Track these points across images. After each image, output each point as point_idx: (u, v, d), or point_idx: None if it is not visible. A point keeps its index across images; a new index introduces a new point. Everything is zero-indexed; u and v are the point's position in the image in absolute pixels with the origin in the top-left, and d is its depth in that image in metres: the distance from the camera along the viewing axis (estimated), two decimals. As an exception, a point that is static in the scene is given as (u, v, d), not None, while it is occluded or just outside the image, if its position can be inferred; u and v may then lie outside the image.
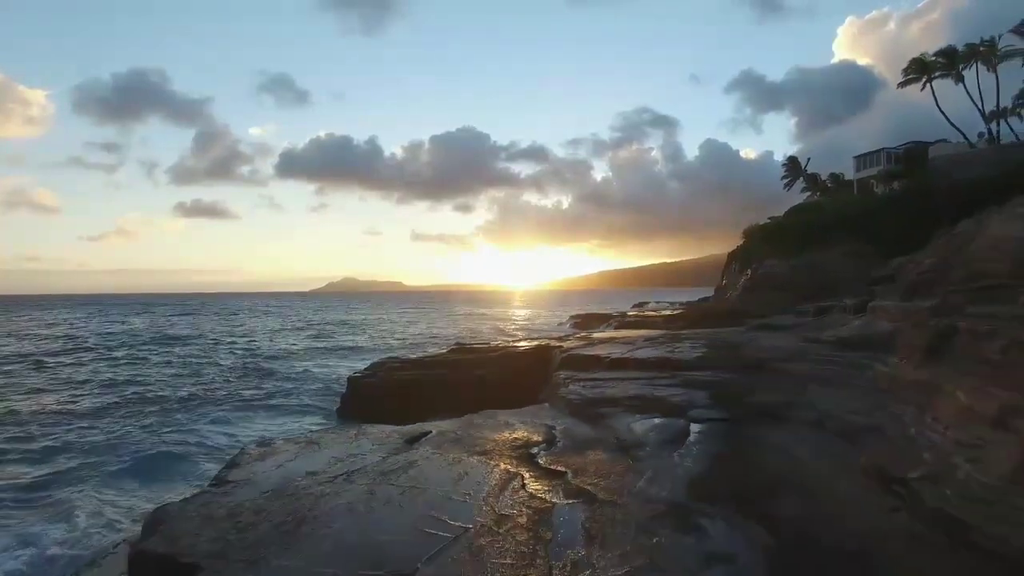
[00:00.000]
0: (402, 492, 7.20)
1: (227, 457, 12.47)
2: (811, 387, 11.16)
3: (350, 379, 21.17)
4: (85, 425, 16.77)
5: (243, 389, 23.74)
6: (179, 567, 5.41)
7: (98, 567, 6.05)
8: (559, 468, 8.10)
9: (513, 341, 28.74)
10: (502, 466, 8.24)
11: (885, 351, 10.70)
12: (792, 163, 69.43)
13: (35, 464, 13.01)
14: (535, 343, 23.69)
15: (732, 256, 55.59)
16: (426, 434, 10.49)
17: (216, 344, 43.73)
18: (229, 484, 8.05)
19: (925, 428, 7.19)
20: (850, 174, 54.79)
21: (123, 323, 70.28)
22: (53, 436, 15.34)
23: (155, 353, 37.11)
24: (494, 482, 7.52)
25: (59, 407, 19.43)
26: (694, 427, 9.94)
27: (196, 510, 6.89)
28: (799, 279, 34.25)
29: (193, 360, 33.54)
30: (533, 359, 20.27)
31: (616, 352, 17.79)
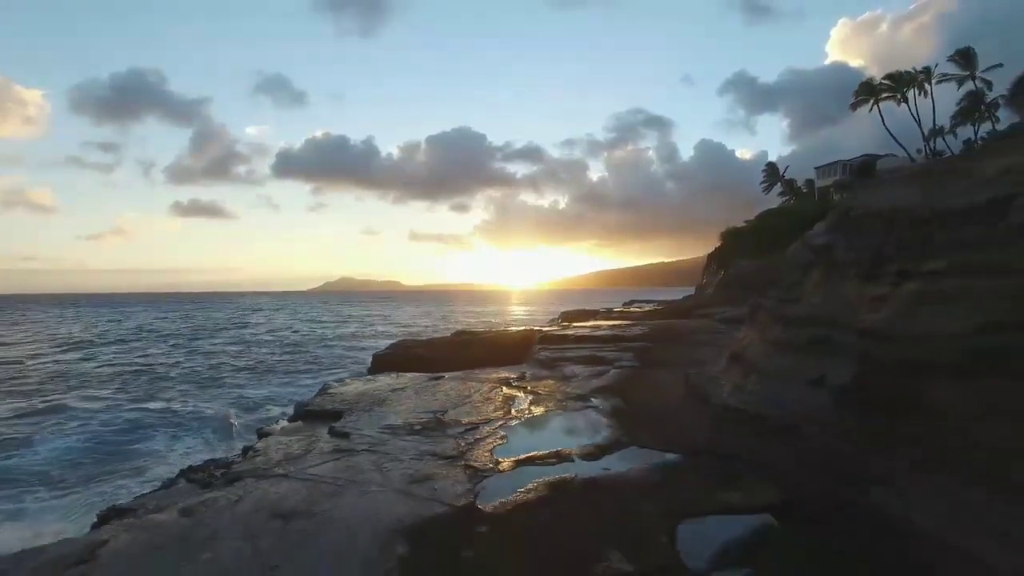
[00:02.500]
0: (434, 393, 12.98)
1: (299, 400, 18.22)
2: (695, 347, 16.91)
3: (375, 355, 26.79)
4: (193, 382, 22.60)
5: (288, 364, 29.56)
6: (331, 412, 11.15)
7: (275, 423, 11.60)
8: (523, 385, 13.88)
9: (505, 327, 34.41)
10: (489, 386, 14.00)
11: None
12: (771, 169, 75.25)
13: (177, 401, 18.83)
14: (523, 328, 29.41)
15: (711, 257, 61.20)
16: (442, 376, 16.24)
17: (254, 334, 49.54)
18: (329, 394, 13.79)
19: (724, 358, 12.94)
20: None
21: (147, 320, 76.00)
22: (175, 385, 21.14)
23: (202, 341, 42.85)
24: (485, 390, 13.29)
25: (162, 371, 25.16)
26: (614, 370, 15.67)
27: (320, 398, 12.66)
28: (763, 278, 39.82)
29: (241, 345, 39.38)
30: (519, 339, 25.92)
31: (581, 332, 23.56)
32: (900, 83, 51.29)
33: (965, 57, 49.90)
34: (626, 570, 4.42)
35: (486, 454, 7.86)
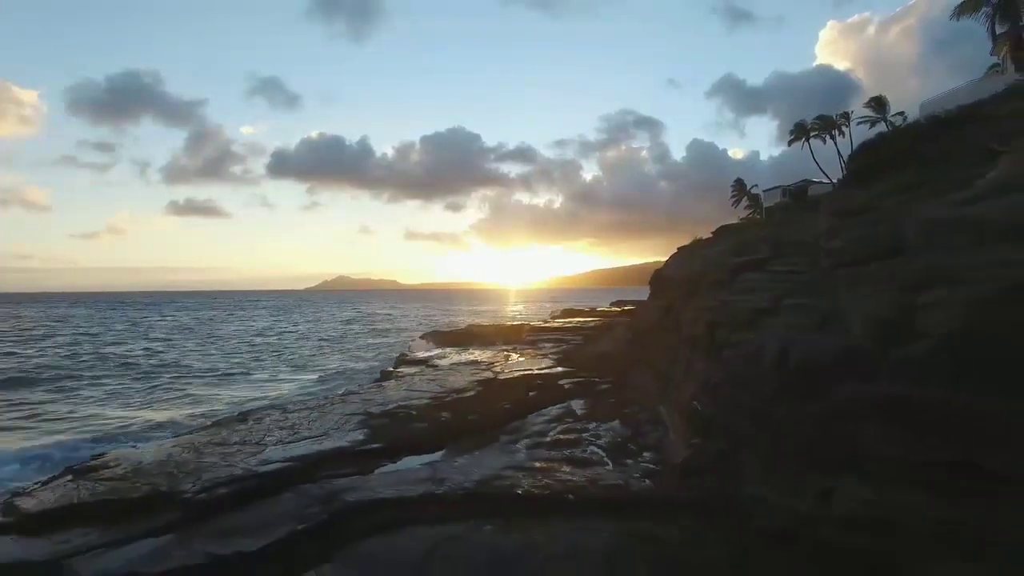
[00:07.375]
0: (467, 354, 24.17)
1: (396, 357, 29.39)
2: (615, 331, 28.12)
3: (410, 343, 38.00)
4: (304, 360, 33.79)
5: (357, 347, 40.72)
6: (419, 361, 22.37)
7: (388, 368, 22.62)
8: (515, 351, 25.09)
9: (503, 323, 45.69)
10: (496, 352, 25.25)
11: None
12: (739, 184, 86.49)
13: (298, 371, 30.00)
14: (517, 323, 40.69)
15: (680, 264, 72.36)
16: (467, 348, 27.47)
17: (294, 330, 60.46)
18: (409, 356, 24.97)
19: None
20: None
21: (187, 321, 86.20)
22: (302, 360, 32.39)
23: (258, 337, 53.74)
24: (495, 353, 24.58)
25: (279, 357, 36.37)
26: (567, 345, 26.96)
27: (407, 358, 23.86)
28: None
29: (295, 338, 50.47)
30: (514, 329, 37.26)
31: (555, 325, 34.90)
32: (826, 124, 62.85)
33: (879, 103, 61.52)
34: (540, 383, 15.77)
35: (498, 370, 19.10)
